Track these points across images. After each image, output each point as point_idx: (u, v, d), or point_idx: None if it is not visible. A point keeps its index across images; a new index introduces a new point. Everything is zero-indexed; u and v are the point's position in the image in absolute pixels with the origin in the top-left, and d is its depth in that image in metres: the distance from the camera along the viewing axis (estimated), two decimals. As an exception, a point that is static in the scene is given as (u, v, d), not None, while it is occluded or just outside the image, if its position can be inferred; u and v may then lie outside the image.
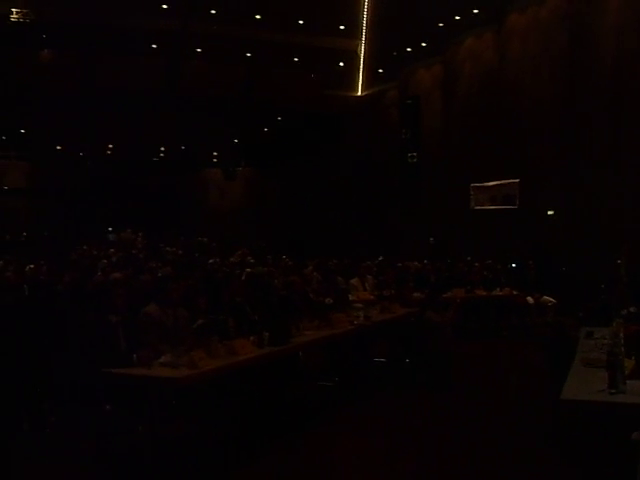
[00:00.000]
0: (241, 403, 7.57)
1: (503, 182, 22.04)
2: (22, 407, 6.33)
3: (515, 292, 16.31)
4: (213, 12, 25.85)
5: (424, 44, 26.46)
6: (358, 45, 28.82)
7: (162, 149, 36.34)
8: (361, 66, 29.87)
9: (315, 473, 6.85)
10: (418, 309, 11.56)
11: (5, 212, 32.41)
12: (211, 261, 18.79)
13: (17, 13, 25.81)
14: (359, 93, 30.93)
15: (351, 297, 12.86)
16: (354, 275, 14.72)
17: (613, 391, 5.00)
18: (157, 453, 6.36)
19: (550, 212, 20.12)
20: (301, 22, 26.43)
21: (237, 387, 7.53)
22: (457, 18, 23.96)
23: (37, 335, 8.34)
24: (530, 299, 16.21)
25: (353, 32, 27.70)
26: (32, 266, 15.49)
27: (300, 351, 8.94)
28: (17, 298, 10.18)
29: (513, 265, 19.15)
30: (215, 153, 37.43)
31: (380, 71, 29.54)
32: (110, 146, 34.64)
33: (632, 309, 8.77)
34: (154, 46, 28.18)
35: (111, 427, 6.40)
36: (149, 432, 6.35)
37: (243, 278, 12.42)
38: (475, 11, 23.33)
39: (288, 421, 8.15)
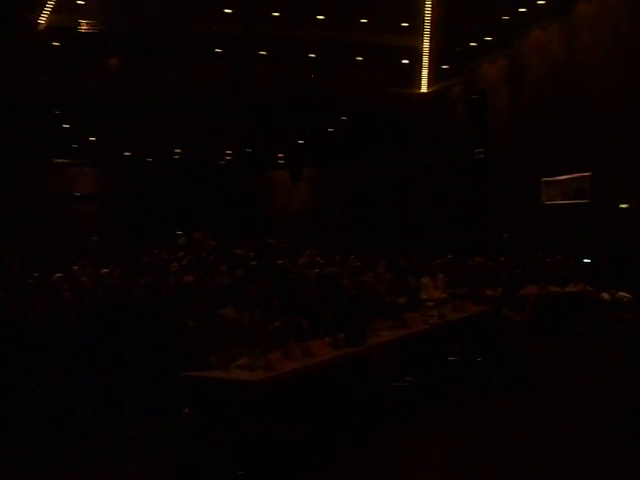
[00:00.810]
0: (316, 404, 7.57)
1: (574, 176, 21.57)
2: (102, 410, 6.42)
3: (589, 288, 15.95)
4: (275, 14, 25.93)
5: (488, 38, 26.08)
6: (421, 42, 28.58)
7: (228, 152, 36.65)
8: (425, 63, 29.60)
9: (390, 475, 6.80)
10: (491, 307, 11.40)
11: (77, 218, 33.13)
12: (280, 262, 18.85)
13: (85, 24, 26.38)
14: (424, 90, 30.65)
15: (423, 296, 12.75)
16: (424, 274, 14.58)
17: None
18: (235, 455, 6.39)
19: (624, 205, 19.61)
20: (364, 21, 26.32)
21: (313, 388, 7.53)
22: (522, 10, 23.53)
23: (115, 338, 8.48)
24: (605, 295, 15.83)
25: (416, 29, 27.46)
26: (106, 270, 15.76)
27: (375, 352, 8.89)
28: (93, 302, 10.39)
29: (586, 260, 18.73)
30: (281, 155, 37.59)
31: (444, 67, 29.25)
32: (177, 151, 35.09)
33: None
34: (218, 50, 28.45)
35: (189, 430, 6.46)
36: (227, 434, 6.39)
37: (313, 279, 12.46)
38: (540, 2, 22.88)
39: (363, 422, 8.11)
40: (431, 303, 11.34)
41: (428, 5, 26.34)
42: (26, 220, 23.75)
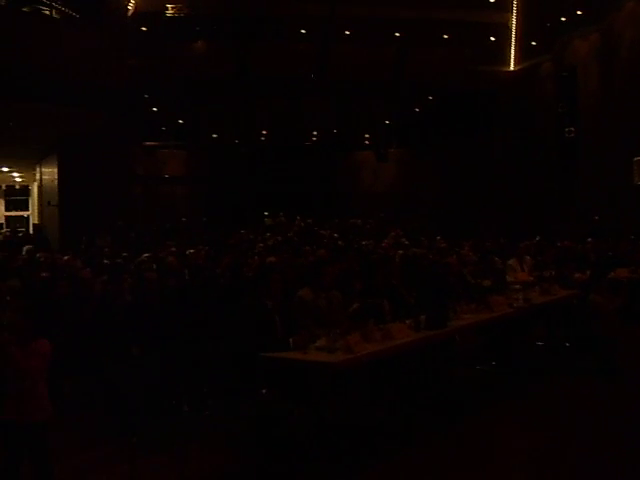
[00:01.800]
0: (397, 388, 7.49)
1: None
2: (182, 389, 6.49)
3: (685, 271, 15.30)
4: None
5: (580, 12, 25.26)
6: (509, 18, 27.94)
7: (315, 133, 36.71)
8: (513, 39, 28.93)
9: (472, 460, 6.69)
10: (580, 291, 11.07)
11: (166, 200, 33.75)
12: (365, 243, 18.81)
13: (172, 8, 26.75)
14: (512, 68, 29.99)
15: (509, 279, 12.46)
16: (511, 256, 14.25)
17: None
18: (313, 437, 6.38)
19: None
20: (449, -2, 25.93)
21: (393, 371, 7.45)
22: (616, -19, 22.72)
23: (197, 318, 8.58)
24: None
25: (504, 4, 26.88)
26: (192, 251, 16.01)
27: (458, 335, 8.74)
28: (178, 282, 10.55)
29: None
30: (367, 135, 37.42)
31: (533, 43, 28.50)
32: (264, 132, 35.33)
33: None
34: (303, 31, 28.43)
35: (267, 411, 6.47)
36: (305, 416, 6.38)
37: (397, 260, 12.35)
38: (636, -28, 22.04)
39: (444, 407, 7.99)
40: (517, 286, 11.04)
41: (517, -21, 25.70)
42: (117, 202, 24.26)
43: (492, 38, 28.79)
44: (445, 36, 28.74)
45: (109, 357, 7.97)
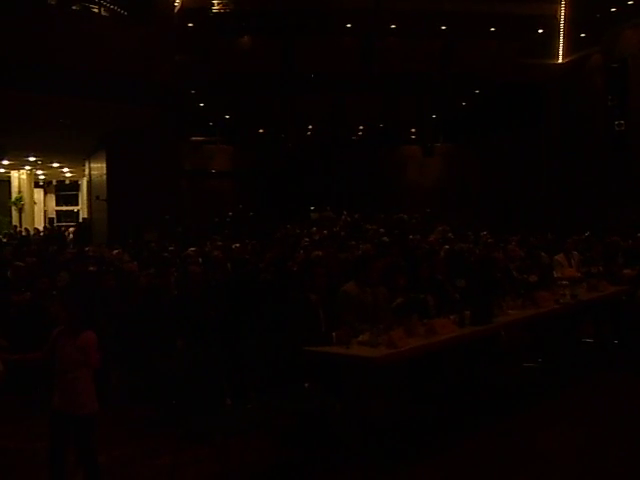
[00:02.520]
0: (440, 384, 7.44)
1: None
2: (225, 382, 6.53)
3: None
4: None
5: (631, 2, 24.76)
6: (558, 9, 27.52)
7: (361, 128, 36.65)
8: (561, 31, 28.51)
9: (515, 458, 6.61)
10: (629, 287, 10.88)
11: (213, 194, 34.02)
12: (411, 237, 18.73)
13: (218, 4, 26.91)
14: (560, 60, 29.57)
15: (556, 274, 12.29)
16: (558, 251, 14.05)
17: None
18: (353, 432, 6.37)
19: None
20: (497, -11, 25.67)
21: (437, 367, 7.40)
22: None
23: (241, 311, 8.63)
24: None
25: (552, -4, 26.56)
26: (238, 245, 16.11)
27: (502, 331, 8.65)
28: (223, 276, 10.63)
29: None
30: (413, 130, 37.26)
31: (582, 35, 28.06)
32: (310, 127, 35.37)
33: None
34: (348, 25, 28.37)
35: (309, 405, 6.48)
36: (346, 411, 6.37)
37: (443, 255, 12.25)
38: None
39: (489, 403, 7.92)
40: (564, 282, 10.87)
41: (566, -30, 25.33)
42: (164, 197, 24.54)
43: (540, 30, 28.40)
44: (492, 29, 28.43)
45: (154, 350, 8.06)
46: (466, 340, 7.57)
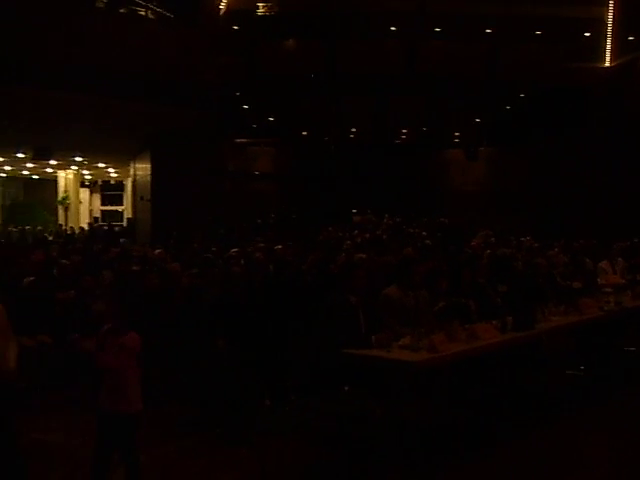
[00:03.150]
0: (481, 389, 7.38)
1: None
2: (264, 383, 6.55)
3: None
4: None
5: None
6: (605, 12, 27.14)
7: (404, 131, 36.53)
8: (609, 34, 28.10)
9: (557, 466, 6.53)
10: (676, 295, 10.67)
11: (255, 196, 34.15)
12: (452, 242, 18.62)
13: (263, 7, 27.07)
14: (607, 63, 29.15)
15: (600, 281, 12.12)
16: (603, 257, 13.85)
17: None
18: (393, 436, 6.34)
19: None
20: (543, -8, 25.41)
21: (477, 373, 7.34)
22: None
23: (282, 313, 8.64)
24: None
25: (600, -2, 26.23)
26: (280, 247, 16.14)
27: (545, 337, 8.54)
28: (265, 278, 10.66)
29: None
30: (456, 133, 37.02)
31: (630, 38, 27.63)
32: (353, 130, 35.33)
33: None
34: (393, 28, 28.32)
35: (349, 408, 6.46)
36: (386, 414, 6.34)
37: (485, 260, 12.16)
38: None
39: (530, 410, 7.83)
40: (608, 289, 10.72)
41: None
42: (207, 198, 24.72)
43: (587, 33, 28.05)
44: (537, 32, 28.15)
45: (195, 350, 8.12)
46: (508, 346, 7.51)
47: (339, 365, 6.59)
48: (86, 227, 31.55)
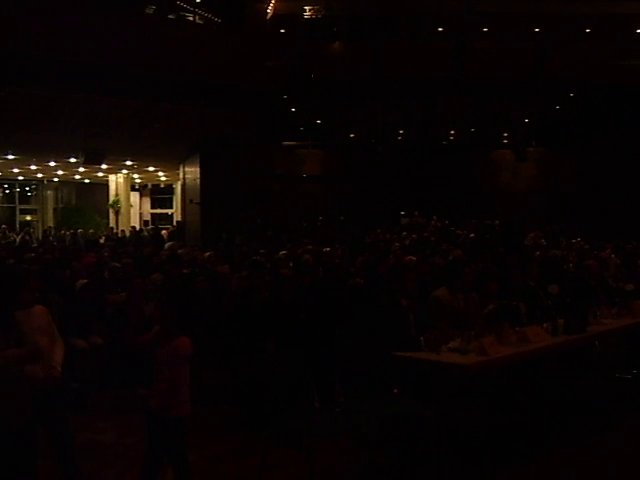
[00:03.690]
0: (531, 393, 7.30)
1: None
2: (314, 385, 6.56)
3: None
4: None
5: None
6: (657, 7, 26.63)
7: (452, 132, 36.31)
8: (661, 30, 27.59)
9: (609, 472, 6.42)
10: None
11: (303, 198, 34.25)
12: (501, 244, 18.46)
13: (309, 10, 27.16)
14: (662, 60, 28.60)
15: (653, 283, 11.90)
16: (656, 259, 13.61)
17: None
18: (442, 439, 6.30)
19: None
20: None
21: (528, 376, 7.27)
22: None
23: (331, 315, 8.66)
24: None
25: (652, -6, 25.73)
26: (328, 249, 16.20)
27: (596, 340, 8.42)
28: (313, 280, 10.70)
29: None
30: (505, 134, 36.68)
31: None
32: (400, 132, 35.23)
33: None
34: (440, 29, 28.19)
35: (398, 410, 6.45)
36: (435, 417, 6.32)
37: (535, 262, 12.04)
38: None
39: (580, 414, 7.72)
40: (662, 291, 10.53)
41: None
42: (256, 200, 24.89)
43: (638, 30, 27.55)
44: (587, 30, 27.75)
45: (244, 351, 8.18)
46: (559, 349, 7.42)
47: (389, 367, 6.59)
48: (137, 228, 32.01)
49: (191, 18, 25.74)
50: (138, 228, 32.77)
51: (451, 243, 19.18)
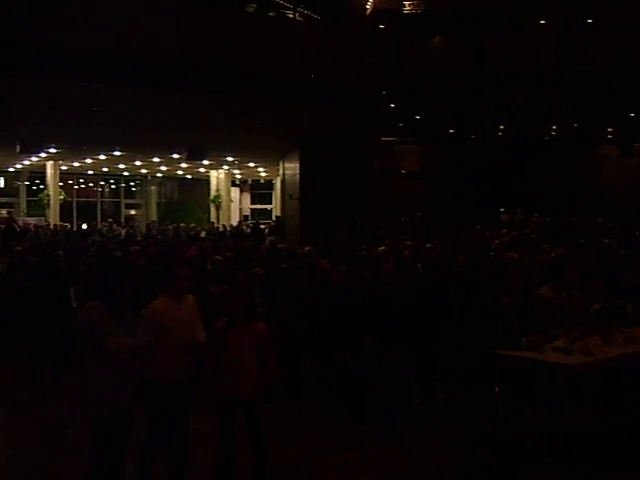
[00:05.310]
0: (638, 396, 7.10)
1: None
2: (414, 381, 6.55)
3: None
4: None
5: None
6: None
7: (554, 127, 35.49)
8: None
9: None
10: None
11: (402, 194, 34.16)
12: (606, 241, 17.98)
13: (409, 5, 27.03)
14: None
15: None
16: None
17: None
18: (544, 439, 6.20)
19: None
20: None
21: (634, 378, 7.07)
22: None
23: (431, 312, 8.62)
24: None
25: None
26: (429, 245, 16.14)
27: None
28: (413, 276, 10.67)
29: None
30: (610, 129, 35.62)
31: None
32: (501, 127, 34.67)
33: None
34: (542, 22, 27.58)
35: (499, 409, 6.38)
36: (537, 418, 6.22)
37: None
38: None
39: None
40: None
41: None
42: (355, 196, 24.95)
43: None
44: None
45: (345, 346, 8.23)
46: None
47: (490, 365, 6.52)
48: (235, 224, 32.60)
49: (291, 15, 25.97)
50: (236, 224, 33.33)
51: (552, 240, 18.73)
